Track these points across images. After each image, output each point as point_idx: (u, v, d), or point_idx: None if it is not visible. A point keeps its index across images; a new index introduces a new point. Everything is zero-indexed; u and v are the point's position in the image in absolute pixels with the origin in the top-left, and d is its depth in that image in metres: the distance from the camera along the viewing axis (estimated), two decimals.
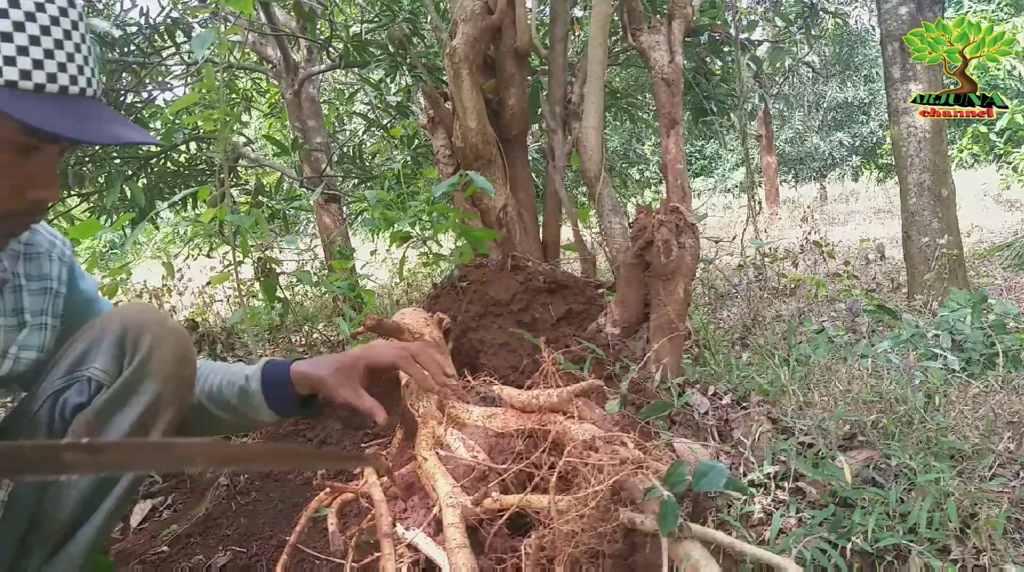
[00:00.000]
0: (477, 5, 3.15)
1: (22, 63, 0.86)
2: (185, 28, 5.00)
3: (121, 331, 1.14)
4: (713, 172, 21.33)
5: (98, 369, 1.13)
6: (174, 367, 1.15)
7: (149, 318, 1.16)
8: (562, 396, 1.26)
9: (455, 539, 0.95)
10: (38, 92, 0.88)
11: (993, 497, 1.45)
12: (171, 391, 1.15)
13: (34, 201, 0.97)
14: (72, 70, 0.91)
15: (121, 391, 1.12)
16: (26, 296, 1.16)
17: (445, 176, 3.30)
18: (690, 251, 2.11)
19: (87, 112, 0.92)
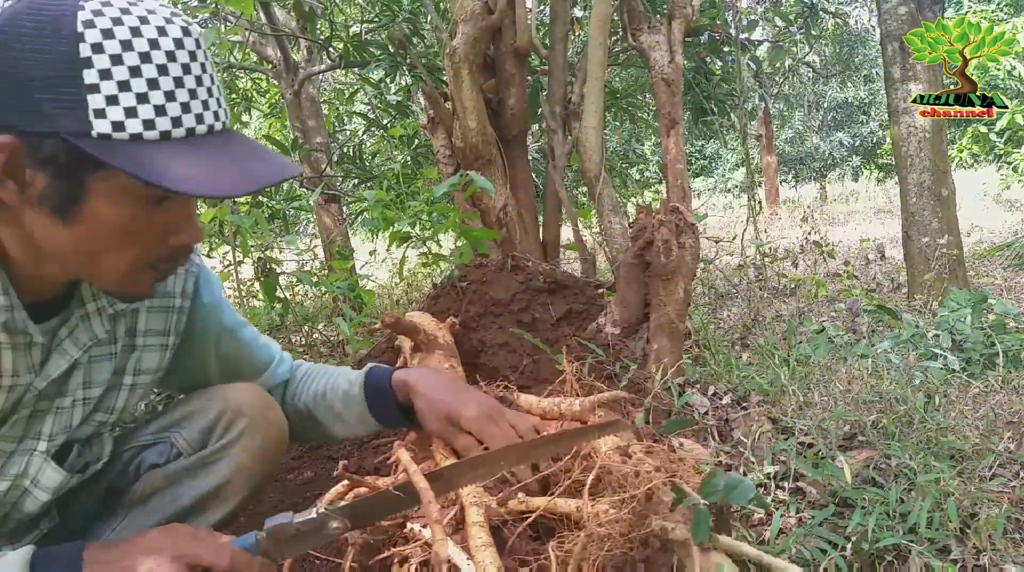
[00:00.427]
0: (477, 5, 3.15)
1: (143, 112, 0.79)
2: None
3: (220, 409, 1.14)
4: (713, 172, 21.33)
5: (183, 437, 1.14)
6: (254, 460, 1.14)
7: (251, 405, 1.15)
8: (584, 405, 1.26)
9: (480, 538, 0.95)
10: (164, 140, 0.80)
11: (993, 497, 1.45)
12: (243, 481, 1.13)
13: (177, 247, 0.92)
14: (197, 107, 0.83)
15: (195, 465, 1.12)
16: (143, 316, 1.11)
17: (445, 176, 3.30)
18: (690, 251, 2.11)
19: (218, 153, 0.84)
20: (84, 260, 0.88)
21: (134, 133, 0.79)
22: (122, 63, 0.78)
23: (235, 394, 1.16)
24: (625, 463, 1.04)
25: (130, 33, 0.79)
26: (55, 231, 0.84)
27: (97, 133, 0.78)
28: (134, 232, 0.86)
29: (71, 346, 1.00)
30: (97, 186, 0.82)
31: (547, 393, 1.35)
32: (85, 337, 1.02)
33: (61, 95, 0.77)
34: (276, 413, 1.18)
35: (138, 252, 0.89)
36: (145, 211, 0.85)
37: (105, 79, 0.77)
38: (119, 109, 0.78)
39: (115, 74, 0.78)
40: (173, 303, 1.14)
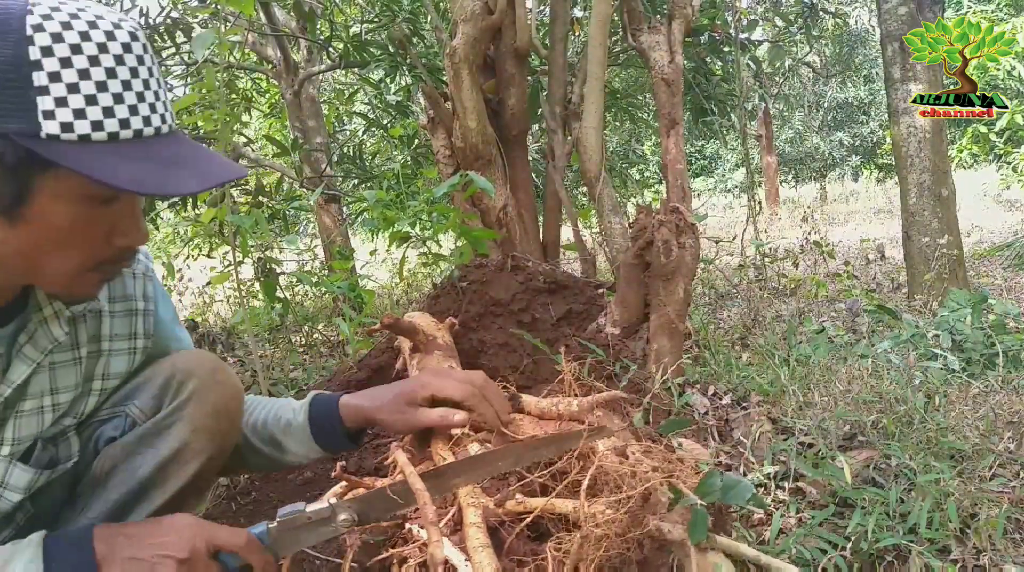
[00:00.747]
0: (477, 5, 3.15)
1: (92, 114, 0.80)
2: (185, 28, 5.00)
3: (169, 374, 1.13)
4: (713, 172, 21.33)
5: (136, 407, 1.13)
6: (209, 419, 1.12)
7: (200, 366, 1.14)
8: (583, 405, 1.25)
9: (477, 538, 0.95)
10: (112, 141, 0.82)
11: (993, 497, 1.45)
12: (202, 442, 1.12)
13: (122, 248, 0.93)
14: (144, 110, 0.84)
15: (150, 432, 1.11)
16: (107, 321, 1.12)
17: (445, 176, 3.30)
18: (690, 251, 2.11)
19: (166, 154, 0.85)
20: (28, 262, 0.89)
21: (83, 134, 0.80)
22: (71, 66, 0.79)
23: (182, 357, 1.16)
24: (622, 463, 1.04)
25: (79, 37, 0.80)
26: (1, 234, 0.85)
27: (46, 134, 0.79)
28: (79, 233, 0.88)
29: (32, 350, 1.01)
30: (44, 186, 0.83)
31: (545, 393, 1.35)
32: (45, 341, 1.02)
33: (9, 97, 0.78)
34: (225, 372, 1.17)
35: (83, 253, 0.90)
36: (91, 211, 0.87)
37: (54, 81, 0.79)
38: (68, 111, 0.79)
39: (64, 76, 0.79)
40: (136, 306, 1.16)
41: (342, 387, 2.10)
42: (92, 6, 0.84)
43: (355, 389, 2.08)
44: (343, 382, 2.13)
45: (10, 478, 1.03)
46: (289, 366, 3.37)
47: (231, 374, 1.19)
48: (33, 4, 0.80)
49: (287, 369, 3.31)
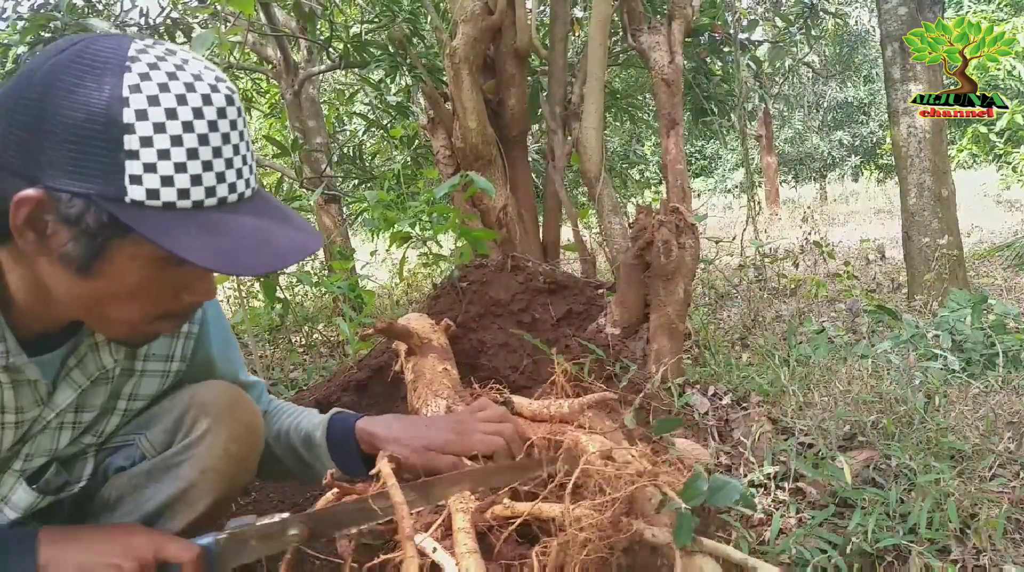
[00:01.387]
0: (477, 6, 3.15)
1: (180, 182, 0.78)
2: (185, 28, 5.00)
3: (184, 408, 1.09)
4: (713, 172, 21.33)
5: (147, 440, 1.10)
6: (220, 461, 1.08)
7: (217, 401, 1.10)
8: (573, 407, 1.25)
9: (465, 544, 0.95)
10: (196, 209, 0.80)
11: (993, 497, 1.46)
12: (209, 484, 1.09)
13: (190, 303, 0.92)
14: (231, 177, 0.82)
15: (158, 468, 1.09)
16: (134, 380, 1.10)
17: (445, 176, 3.30)
18: (690, 251, 2.11)
19: (247, 226, 0.83)
20: (93, 311, 0.88)
21: (167, 202, 0.78)
22: (164, 131, 0.77)
23: (201, 390, 1.12)
24: (607, 466, 1.04)
25: (176, 101, 0.78)
26: (69, 282, 0.84)
27: (131, 199, 0.77)
28: (148, 290, 0.86)
29: (79, 375, 1.00)
30: (121, 248, 0.81)
31: (537, 395, 1.35)
32: (93, 367, 1.01)
33: (97, 157, 0.76)
34: (245, 411, 1.13)
35: (149, 308, 0.89)
36: (164, 272, 0.85)
37: (146, 146, 0.76)
38: (156, 177, 0.77)
39: (156, 142, 0.77)
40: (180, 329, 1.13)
41: (342, 387, 2.10)
42: (192, 62, 0.82)
43: (355, 390, 2.08)
44: (343, 382, 2.13)
45: (12, 495, 1.02)
46: (289, 366, 3.37)
47: (250, 410, 1.14)
48: (133, 59, 0.78)
49: (287, 369, 3.31)
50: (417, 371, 1.68)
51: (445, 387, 1.55)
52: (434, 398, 1.48)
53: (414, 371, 1.70)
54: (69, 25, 3.96)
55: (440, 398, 1.47)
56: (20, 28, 4.17)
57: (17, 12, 4.55)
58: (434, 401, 1.47)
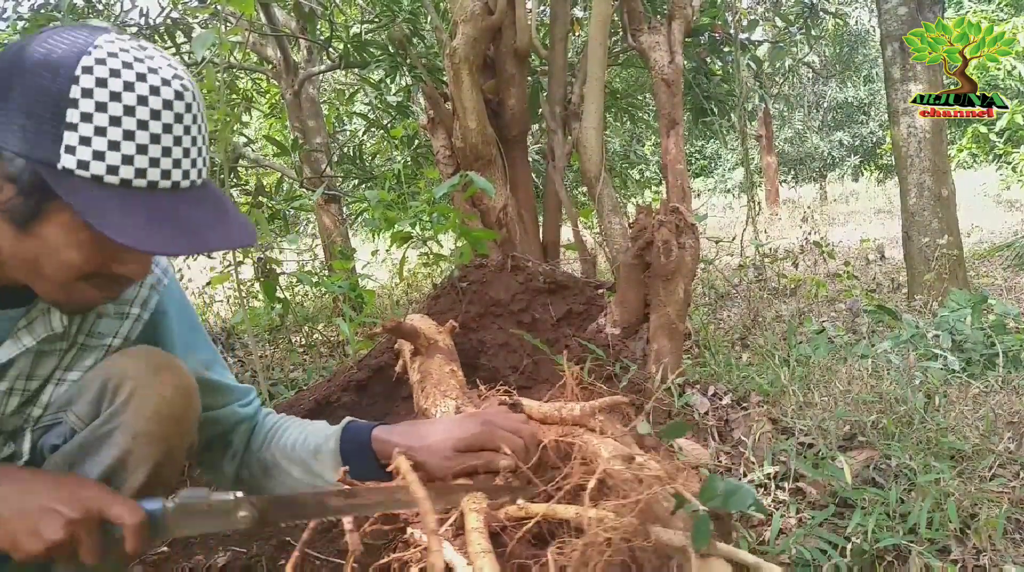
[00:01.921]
0: (477, 5, 3.15)
1: (111, 158, 0.85)
2: (185, 28, 5.01)
3: (105, 377, 1.08)
4: (713, 172, 21.33)
5: (74, 414, 1.09)
6: (151, 423, 1.06)
7: (137, 366, 1.08)
8: (585, 410, 1.25)
9: (479, 544, 0.94)
10: (124, 187, 0.86)
11: (993, 497, 1.46)
12: (145, 448, 1.06)
13: (120, 276, 0.95)
14: (166, 164, 0.88)
15: (89, 440, 1.07)
16: (96, 319, 1.12)
17: (445, 176, 3.30)
18: (690, 251, 2.11)
19: (173, 211, 0.88)
20: (31, 269, 0.94)
21: (96, 174, 0.85)
22: (105, 111, 0.84)
23: (121, 357, 1.11)
24: (628, 469, 1.04)
25: (123, 86, 0.85)
26: (12, 238, 0.91)
27: (62, 166, 0.84)
28: (79, 257, 0.91)
29: (26, 336, 1.03)
30: (52, 213, 0.88)
31: (547, 397, 1.35)
32: (41, 329, 1.04)
33: (41, 126, 0.84)
34: (171, 372, 1.11)
35: (78, 272, 0.93)
36: (94, 241, 0.90)
37: (85, 121, 0.84)
38: (88, 150, 0.84)
39: (95, 119, 0.84)
40: (129, 311, 1.15)
41: (342, 387, 2.10)
42: (157, 58, 0.89)
43: (355, 390, 2.08)
44: (343, 382, 2.13)
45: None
46: (289, 366, 3.37)
47: (177, 372, 1.12)
48: (98, 46, 0.86)
49: (287, 369, 3.31)
50: (424, 372, 1.68)
51: (453, 388, 1.55)
52: (443, 398, 1.49)
53: (420, 371, 1.69)
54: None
55: (449, 399, 1.48)
56: (20, 28, 4.17)
57: (17, 12, 4.56)
58: (443, 401, 1.47)
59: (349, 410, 2.01)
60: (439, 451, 1.15)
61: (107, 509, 0.92)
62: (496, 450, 1.14)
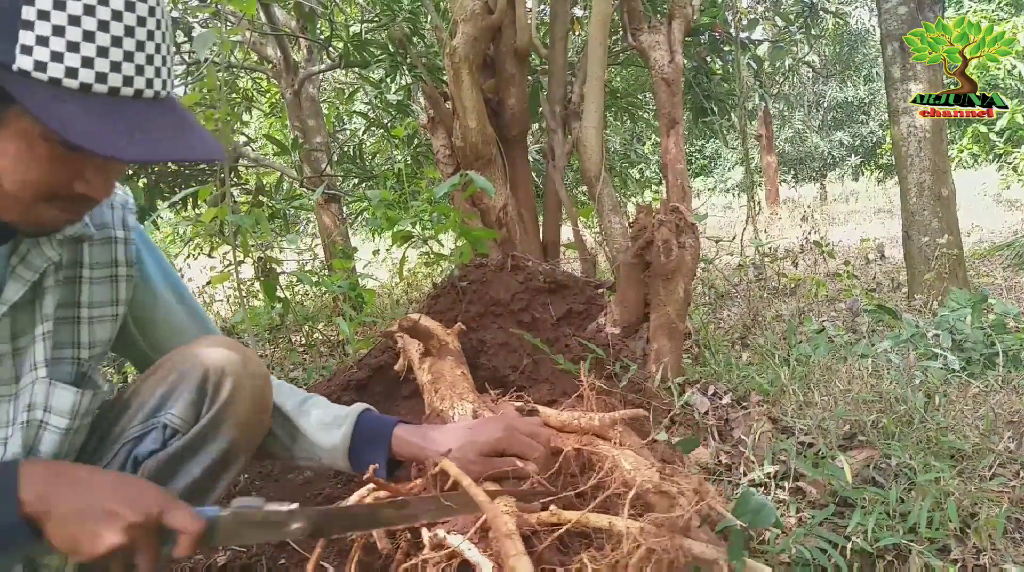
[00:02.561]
0: (477, 5, 3.15)
1: (69, 59, 0.79)
2: (185, 28, 5.01)
3: (202, 376, 1.09)
4: (713, 172, 21.33)
5: (175, 416, 1.09)
6: (252, 414, 1.11)
7: (232, 360, 1.10)
8: (604, 420, 1.25)
9: (515, 547, 0.95)
10: (84, 92, 0.80)
11: (993, 497, 1.46)
12: (246, 437, 1.11)
13: (79, 194, 0.90)
14: (128, 70, 0.82)
15: (196, 439, 1.09)
16: (87, 288, 1.08)
17: (445, 176, 3.30)
18: (690, 251, 2.11)
19: (134, 118, 0.84)
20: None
21: (54, 77, 0.79)
22: (63, 9, 0.78)
23: (211, 354, 1.10)
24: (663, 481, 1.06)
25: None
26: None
27: (18, 67, 0.78)
28: (38, 170, 0.86)
29: (25, 271, 0.99)
30: (12, 120, 0.83)
31: (565, 406, 1.35)
32: (39, 261, 1.00)
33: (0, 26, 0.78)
34: (255, 361, 1.14)
35: (38, 188, 0.88)
36: (54, 153, 0.85)
37: (42, 19, 0.78)
38: (46, 51, 0.78)
39: (53, 17, 0.78)
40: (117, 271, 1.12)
41: (342, 387, 2.10)
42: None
43: (355, 390, 2.08)
44: (343, 382, 2.13)
45: (53, 400, 1.01)
46: (289, 366, 3.37)
47: (258, 361, 1.16)
48: None
49: (287, 369, 3.31)
50: (436, 373, 1.68)
51: (468, 390, 1.56)
52: (460, 401, 1.49)
53: (432, 373, 1.69)
54: None
55: (466, 402, 1.48)
56: None
57: None
58: (460, 404, 1.47)
59: None
60: (465, 455, 1.14)
61: (168, 514, 0.89)
62: (518, 455, 1.15)
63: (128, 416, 1.12)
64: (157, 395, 1.11)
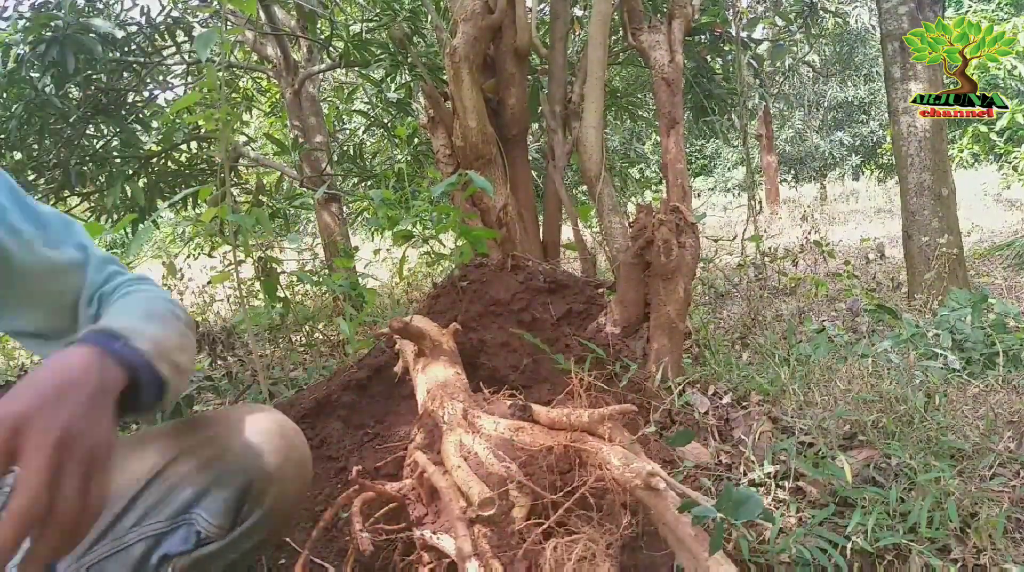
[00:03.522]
0: (477, 4, 3.15)
1: None
2: (185, 27, 5.00)
3: (245, 484, 0.98)
4: (713, 171, 21.32)
5: (210, 523, 0.98)
6: (287, 513, 1.03)
7: (279, 466, 0.99)
8: (593, 417, 1.25)
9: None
10: None
11: (993, 496, 1.46)
12: (275, 534, 1.06)
13: None
14: None
15: (231, 544, 1.00)
16: None
17: (445, 176, 3.30)
18: (690, 250, 2.11)
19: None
20: None
21: None
22: None
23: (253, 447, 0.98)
24: None
25: None
26: None
27: None
28: None
29: None
30: None
31: (555, 403, 1.35)
32: None
33: None
34: (298, 449, 1.03)
35: None
36: None
37: None
38: None
39: None
40: None
41: (342, 386, 2.10)
42: None
43: (355, 390, 2.08)
44: (343, 381, 2.13)
45: None
46: (289, 365, 3.37)
47: (302, 445, 1.04)
48: None
49: (287, 368, 3.31)
50: (428, 372, 1.69)
51: (459, 390, 1.56)
52: (450, 401, 1.49)
53: (424, 373, 1.70)
54: (71, 25, 3.96)
55: (456, 401, 1.48)
56: (22, 27, 4.17)
57: (19, 12, 4.55)
58: (450, 404, 1.48)
59: (349, 409, 2.01)
60: None
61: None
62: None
63: (150, 498, 1.00)
64: (189, 491, 0.99)
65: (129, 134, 4.90)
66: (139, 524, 0.99)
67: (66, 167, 4.61)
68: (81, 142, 4.88)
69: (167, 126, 5.16)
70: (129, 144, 4.98)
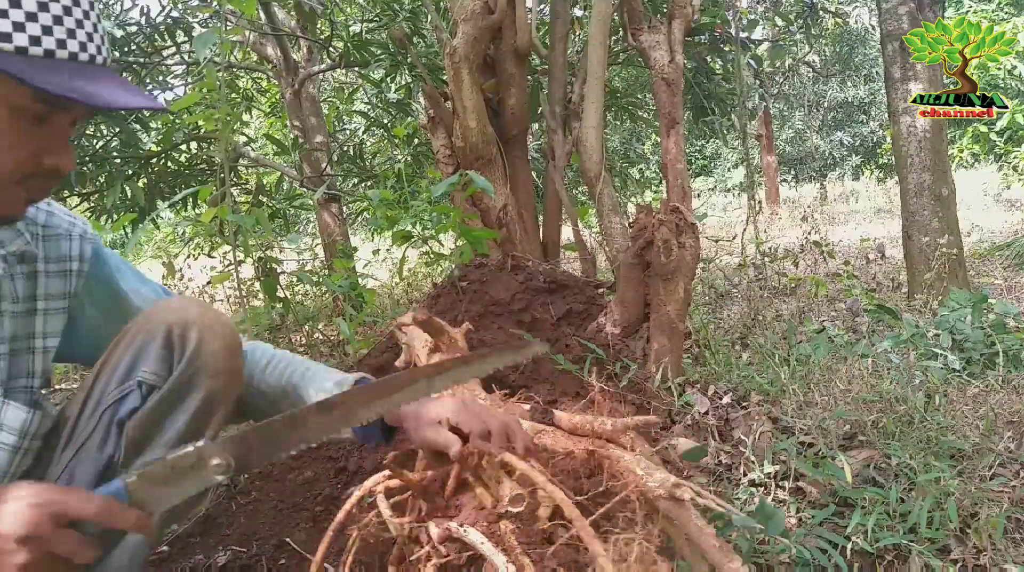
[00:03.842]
0: (477, 5, 3.15)
1: (31, 29, 0.86)
2: (185, 28, 5.01)
3: (166, 330, 1.09)
4: (713, 172, 21.33)
5: (148, 372, 1.09)
6: (224, 361, 1.11)
7: (193, 312, 1.11)
8: (616, 426, 1.26)
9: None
10: (48, 58, 0.88)
11: (993, 497, 1.46)
12: (223, 385, 1.11)
13: (50, 168, 0.96)
14: (81, 36, 0.91)
15: (173, 391, 1.09)
16: (43, 280, 1.12)
17: (445, 176, 3.30)
18: (690, 251, 2.11)
19: (97, 78, 0.92)
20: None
21: (20, 46, 0.86)
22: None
23: (171, 308, 1.13)
24: None
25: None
26: None
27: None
28: (8, 145, 0.92)
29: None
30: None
31: (577, 409, 1.36)
32: (8, 237, 1.04)
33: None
34: (215, 311, 1.15)
35: (9, 166, 0.93)
36: (21, 125, 0.91)
37: None
38: (8, 22, 0.86)
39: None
40: (71, 266, 1.17)
41: None
42: None
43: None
44: None
45: (4, 418, 1.03)
46: None
47: (219, 311, 1.18)
48: None
49: None
50: None
51: (476, 385, 1.57)
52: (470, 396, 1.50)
53: None
54: None
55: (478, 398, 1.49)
56: None
57: None
58: None
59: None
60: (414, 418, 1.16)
61: (63, 511, 0.83)
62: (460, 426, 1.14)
63: (102, 384, 1.13)
64: (127, 358, 1.11)
65: (129, 134, 4.90)
66: (100, 404, 1.11)
67: None
68: (81, 142, 4.89)
69: (167, 126, 5.17)
70: (129, 144, 4.98)
